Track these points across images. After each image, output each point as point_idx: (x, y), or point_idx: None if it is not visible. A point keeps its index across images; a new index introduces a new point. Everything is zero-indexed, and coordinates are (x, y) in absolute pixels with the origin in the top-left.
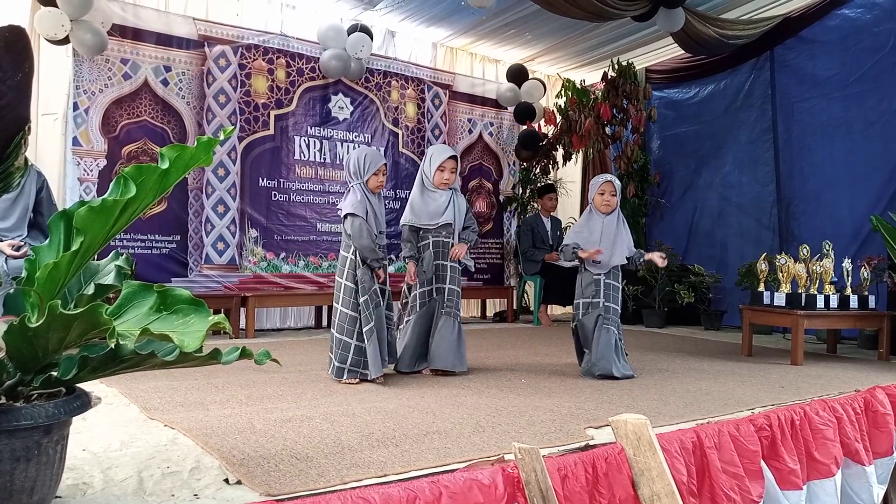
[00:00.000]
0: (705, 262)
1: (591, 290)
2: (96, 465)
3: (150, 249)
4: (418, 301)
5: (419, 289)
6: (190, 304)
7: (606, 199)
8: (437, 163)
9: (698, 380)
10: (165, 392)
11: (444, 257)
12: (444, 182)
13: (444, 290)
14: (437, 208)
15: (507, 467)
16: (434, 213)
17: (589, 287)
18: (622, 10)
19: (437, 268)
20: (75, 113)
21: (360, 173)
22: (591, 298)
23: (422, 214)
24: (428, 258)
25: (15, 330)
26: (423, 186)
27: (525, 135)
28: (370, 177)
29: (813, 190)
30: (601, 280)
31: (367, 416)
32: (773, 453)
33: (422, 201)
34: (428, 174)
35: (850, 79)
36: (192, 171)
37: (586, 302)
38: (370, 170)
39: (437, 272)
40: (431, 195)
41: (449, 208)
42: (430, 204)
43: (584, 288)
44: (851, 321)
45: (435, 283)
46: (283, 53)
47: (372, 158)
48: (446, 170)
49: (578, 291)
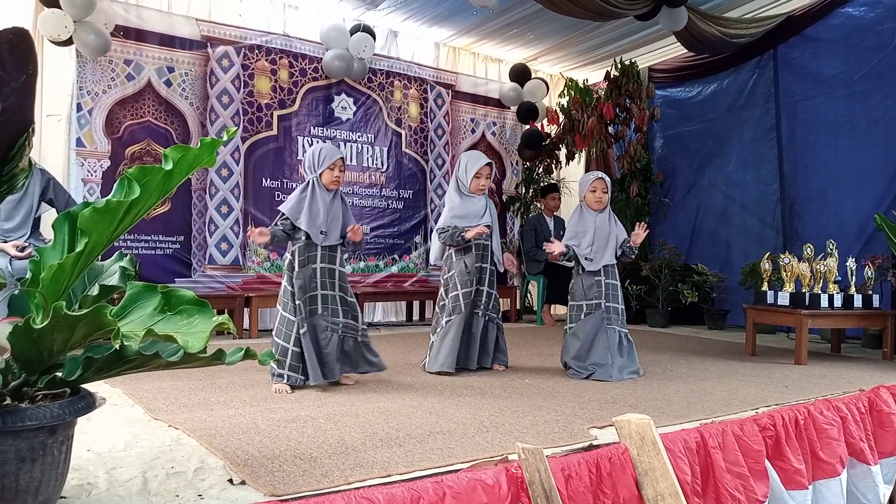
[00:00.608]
0: (709, 261)
1: (593, 291)
2: (101, 466)
3: (153, 250)
4: (461, 301)
5: (461, 290)
6: (194, 305)
7: (598, 197)
8: (474, 170)
9: (702, 379)
10: (169, 392)
11: (483, 260)
12: (481, 188)
13: (483, 293)
14: (477, 212)
15: (511, 467)
16: (474, 216)
17: (591, 289)
18: (625, 9)
19: (479, 270)
20: (79, 114)
21: (315, 167)
22: (593, 299)
23: (462, 219)
24: (470, 260)
25: (20, 331)
26: (460, 192)
27: (528, 134)
28: (324, 171)
29: (817, 189)
30: (602, 281)
31: (371, 416)
32: (777, 453)
33: (461, 205)
34: (464, 181)
35: (855, 77)
36: (196, 172)
37: (589, 304)
38: (325, 163)
39: (479, 274)
40: (469, 199)
41: (486, 212)
42: (470, 207)
43: (587, 290)
44: (855, 320)
45: (477, 284)
46: (285, 54)
47: (328, 153)
48: (482, 176)
49: (579, 293)
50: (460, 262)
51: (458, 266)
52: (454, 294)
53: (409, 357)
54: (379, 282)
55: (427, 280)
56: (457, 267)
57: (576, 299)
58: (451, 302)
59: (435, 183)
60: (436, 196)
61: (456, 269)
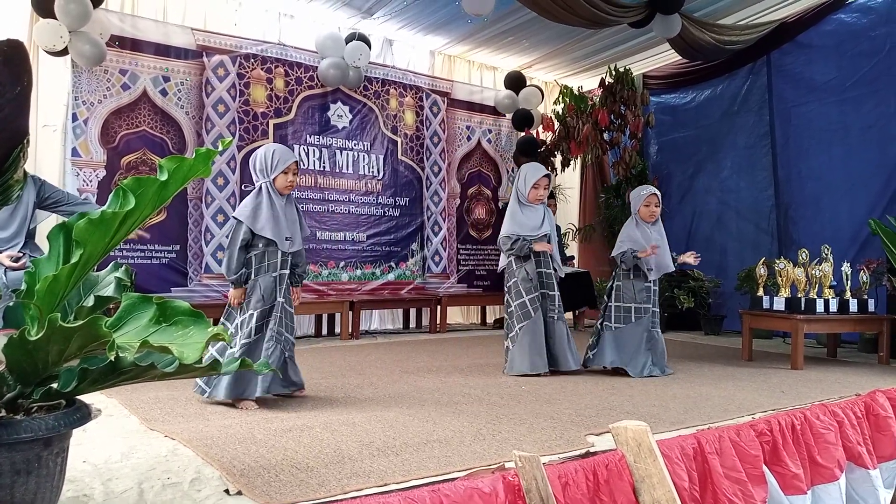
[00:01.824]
0: (705, 267)
1: (643, 295)
2: (97, 477)
3: (149, 259)
4: (530, 307)
5: (527, 296)
6: (189, 316)
7: (652, 211)
8: (532, 181)
9: (699, 385)
10: (166, 403)
11: (545, 265)
12: (539, 198)
13: (551, 297)
14: (537, 220)
15: (508, 475)
16: (534, 225)
17: (641, 293)
18: (619, 16)
19: (541, 275)
20: (74, 124)
21: (267, 171)
22: (643, 304)
23: (525, 226)
24: (531, 267)
25: (15, 343)
26: (520, 202)
27: (523, 141)
28: (278, 175)
29: (811, 194)
30: (651, 287)
31: (368, 424)
32: (775, 458)
33: (523, 216)
34: (523, 191)
35: (847, 83)
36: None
37: (638, 307)
38: (278, 167)
39: (540, 279)
40: (529, 209)
41: (545, 221)
42: (532, 217)
43: (637, 293)
44: (851, 325)
45: (541, 289)
46: (281, 62)
47: (281, 155)
48: (540, 187)
49: (629, 296)
50: (521, 270)
51: (521, 274)
52: (521, 301)
53: (406, 365)
54: (375, 289)
55: (424, 287)
56: (518, 275)
57: (624, 301)
58: (520, 308)
59: (431, 190)
60: (432, 203)
61: (518, 277)
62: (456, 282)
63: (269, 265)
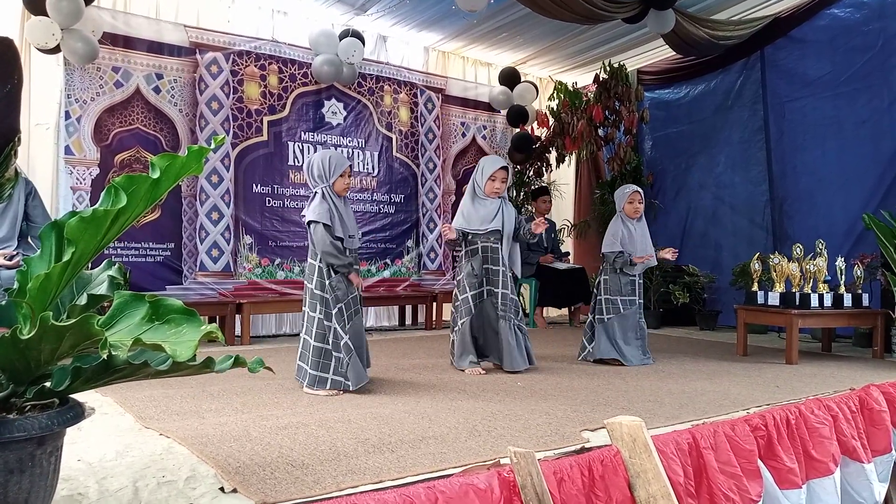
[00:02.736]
0: (700, 262)
1: (628, 288)
2: (91, 476)
3: (144, 257)
4: (471, 304)
5: (469, 292)
6: (182, 314)
7: (636, 207)
8: (489, 173)
9: (693, 380)
10: (160, 401)
11: (492, 262)
12: (495, 191)
13: (496, 294)
14: (487, 214)
15: (503, 471)
16: (484, 218)
17: (627, 286)
18: (612, 12)
19: (487, 272)
20: (67, 122)
21: (326, 176)
22: (629, 296)
23: (472, 220)
24: (478, 262)
25: (7, 342)
26: (475, 194)
27: (518, 138)
28: (336, 179)
29: (806, 189)
30: (636, 280)
31: (363, 421)
32: (770, 453)
33: (472, 207)
34: (479, 183)
35: (841, 78)
36: (186, 179)
37: (625, 299)
38: (336, 172)
39: (486, 275)
40: (482, 202)
41: (498, 215)
42: (481, 210)
43: (623, 287)
44: (845, 319)
45: (486, 285)
46: (275, 59)
47: (337, 160)
48: (497, 179)
49: (615, 289)
50: (468, 265)
51: (466, 268)
52: (465, 296)
53: (401, 362)
54: (371, 287)
55: (419, 284)
56: (465, 269)
57: (611, 294)
58: (464, 303)
59: (426, 187)
60: (427, 200)
61: (464, 272)
62: (451, 279)
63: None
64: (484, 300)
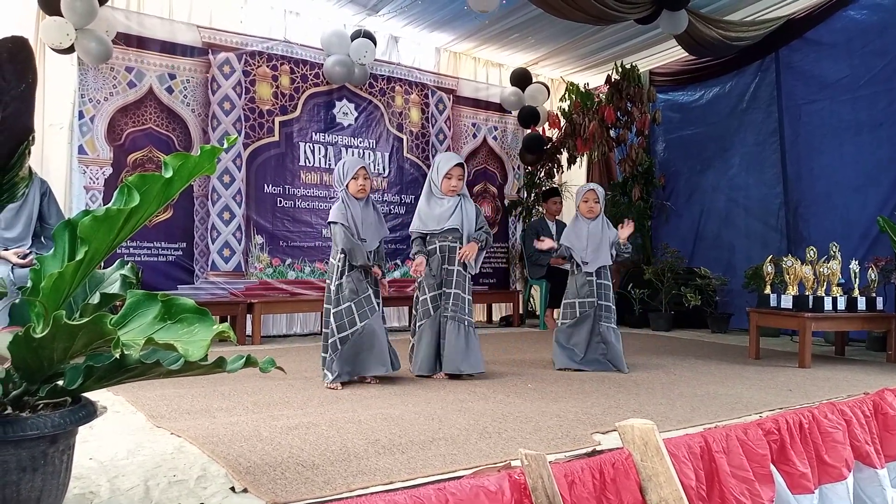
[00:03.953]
0: (712, 264)
1: (585, 290)
2: (103, 474)
3: (156, 257)
4: (430, 306)
5: (428, 293)
6: (194, 314)
7: (590, 206)
8: (444, 170)
9: (705, 383)
10: (172, 400)
11: (450, 262)
12: (452, 189)
13: (447, 294)
14: (443, 213)
15: (514, 474)
16: (440, 217)
17: (584, 287)
18: (625, 12)
19: (444, 272)
20: (81, 122)
21: (341, 180)
22: (585, 298)
23: (428, 220)
24: (435, 263)
25: (20, 340)
26: (431, 193)
27: (529, 139)
28: (349, 181)
29: (822, 191)
30: (594, 281)
31: (373, 422)
32: (782, 457)
33: (428, 207)
34: (436, 181)
35: (860, 81)
36: (198, 179)
37: (582, 301)
38: (348, 175)
39: (444, 276)
40: (438, 201)
41: (455, 213)
42: (436, 209)
43: (579, 288)
44: (859, 323)
45: (443, 287)
46: (287, 60)
47: (350, 164)
48: (453, 177)
49: (573, 291)
50: (427, 266)
51: (426, 270)
52: (423, 298)
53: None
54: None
55: None
56: (425, 271)
57: (569, 297)
58: (422, 306)
59: None
60: None
61: (424, 273)
62: None
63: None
64: (440, 303)
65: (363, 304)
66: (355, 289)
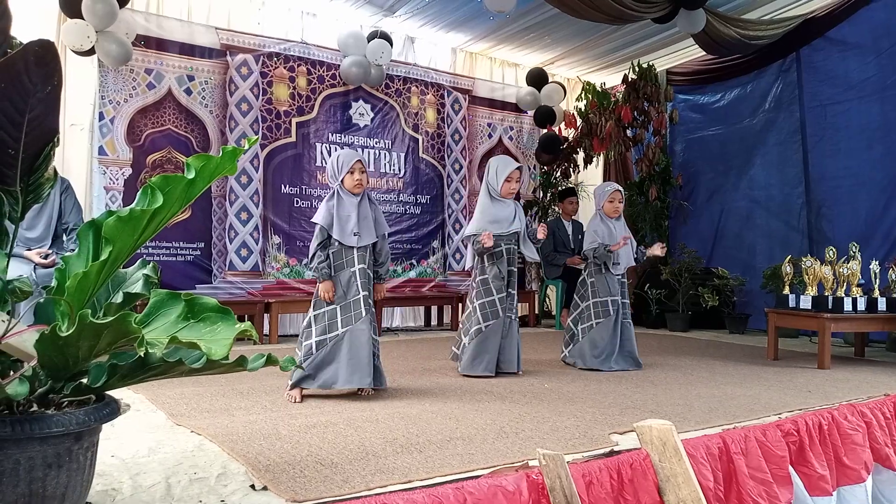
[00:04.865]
0: (732, 265)
1: (616, 288)
2: (125, 471)
3: (174, 257)
4: (499, 307)
5: (497, 295)
6: (217, 312)
7: (615, 206)
8: (504, 174)
9: (723, 384)
10: (191, 398)
11: (511, 263)
12: (511, 192)
13: (512, 296)
14: (507, 217)
15: (532, 474)
16: (504, 221)
17: (613, 286)
18: (642, 12)
19: (510, 273)
20: (101, 123)
21: (336, 174)
22: (615, 296)
23: (495, 223)
24: (503, 265)
25: (46, 339)
26: (492, 196)
27: (545, 138)
28: (345, 176)
29: (844, 192)
30: (618, 280)
31: (391, 421)
32: (801, 459)
33: (493, 210)
34: (494, 185)
35: (888, 80)
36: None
37: (614, 300)
38: (343, 169)
39: (509, 278)
40: (500, 204)
41: (516, 217)
42: (501, 212)
43: (611, 286)
44: (880, 324)
45: (508, 288)
46: (303, 61)
47: (345, 158)
48: (513, 180)
49: (604, 290)
50: (494, 268)
51: (492, 271)
52: (490, 299)
53: (428, 362)
54: (397, 287)
55: (445, 285)
56: (490, 272)
57: (600, 296)
58: (489, 306)
59: (452, 188)
60: (453, 201)
61: (490, 275)
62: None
63: (346, 261)
64: (507, 304)
65: (349, 309)
66: (342, 293)
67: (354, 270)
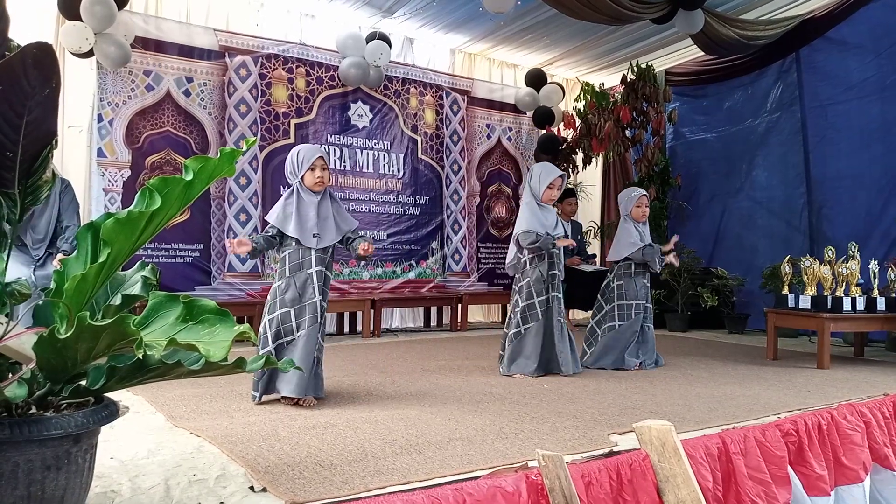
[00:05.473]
0: (733, 265)
1: (643, 292)
2: (124, 473)
3: (173, 258)
4: (539, 309)
5: (538, 297)
6: (216, 315)
7: (643, 210)
8: (547, 181)
9: (723, 384)
10: (191, 400)
11: (556, 267)
12: (552, 198)
13: (558, 300)
14: (552, 222)
15: (531, 474)
16: (549, 226)
17: (642, 290)
18: (640, 12)
19: (553, 277)
20: (99, 125)
21: (295, 171)
22: (642, 300)
23: (544, 226)
24: (545, 268)
25: (45, 341)
26: (536, 202)
27: (544, 139)
28: (305, 173)
29: (844, 192)
30: (647, 284)
31: (390, 422)
32: (800, 459)
33: (541, 215)
34: (537, 192)
35: (888, 80)
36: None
37: (639, 304)
38: (304, 166)
39: (552, 281)
40: (544, 209)
41: (558, 222)
42: (547, 217)
43: (639, 290)
44: (879, 323)
45: (550, 291)
46: (302, 62)
47: (305, 154)
48: (555, 187)
49: (632, 293)
50: (536, 271)
51: (535, 274)
52: (531, 302)
53: (427, 363)
54: (396, 288)
55: (444, 286)
56: (533, 275)
57: (627, 298)
58: (529, 309)
59: (451, 189)
60: (451, 202)
61: (532, 277)
62: (476, 280)
63: (303, 262)
64: (549, 306)
65: (304, 312)
66: (297, 295)
67: (311, 272)
